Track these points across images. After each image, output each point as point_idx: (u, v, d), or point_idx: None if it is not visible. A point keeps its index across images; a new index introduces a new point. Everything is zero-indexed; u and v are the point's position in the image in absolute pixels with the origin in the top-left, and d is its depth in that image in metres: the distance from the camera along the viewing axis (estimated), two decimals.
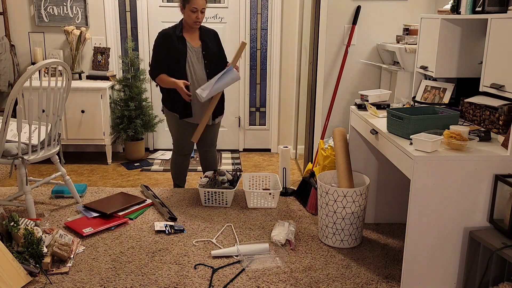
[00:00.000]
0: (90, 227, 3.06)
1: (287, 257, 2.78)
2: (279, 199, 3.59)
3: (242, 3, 4.85)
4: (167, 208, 3.40)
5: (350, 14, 3.60)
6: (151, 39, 4.86)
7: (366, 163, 3.13)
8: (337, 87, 3.70)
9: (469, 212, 2.20)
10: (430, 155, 2.10)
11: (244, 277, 2.57)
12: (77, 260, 2.72)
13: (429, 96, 2.93)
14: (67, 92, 3.24)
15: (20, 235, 2.60)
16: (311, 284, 2.51)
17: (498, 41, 2.21)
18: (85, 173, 4.38)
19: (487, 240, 2.07)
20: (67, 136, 4.49)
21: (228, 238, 3.02)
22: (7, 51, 4.47)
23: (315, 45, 3.85)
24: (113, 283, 2.50)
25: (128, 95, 4.61)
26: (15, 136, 3.19)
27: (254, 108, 5.15)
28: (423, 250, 2.24)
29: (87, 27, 4.69)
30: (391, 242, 3.01)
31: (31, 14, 4.65)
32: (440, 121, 2.36)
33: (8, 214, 2.77)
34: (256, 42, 4.97)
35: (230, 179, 3.58)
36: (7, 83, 4.50)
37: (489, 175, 2.15)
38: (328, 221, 2.88)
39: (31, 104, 2.96)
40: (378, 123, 2.64)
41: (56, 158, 3.35)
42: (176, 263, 2.70)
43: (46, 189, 3.79)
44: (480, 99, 2.52)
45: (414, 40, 3.27)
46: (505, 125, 2.32)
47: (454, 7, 2.67)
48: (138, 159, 4.80)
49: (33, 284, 2.47)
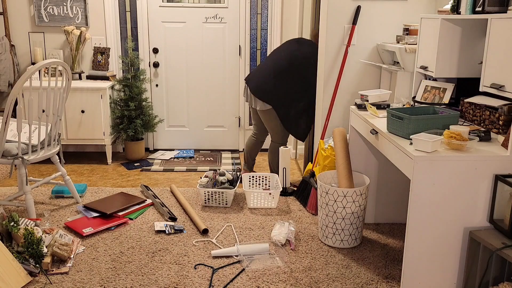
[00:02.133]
0: (90, 227, 3.06)
1: (287, 257, 2.78)
2: (279, 199, 3.59)
3: (242, 3, 4.85)
4: (167, 208, 3.40)
5: (350, 14, 3.60)
6: (151, 39, 4.87)
7: (366, 163, 3.13)
8: (337, 87, 3.69)
9: (469, 212, 2.20)
10: (430, 155, 2.10)
11: (244, 277, 2.57)
12: (77, 260, 2.72)
13: (429, 96, 2.93)
14: (67, 92, 3.24)
15: (20, 235, 2.60)
16: (311, 284, 2.51)
17: (498, 41, 2.21)
18: (85, 173, 4.38)
19: (487, 240, 2.07)
20: (67, 136, 4.49)
21: (228, 238, 3.01)
22: (7, 51, 4.47)
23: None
24: (113, 283, 2.50)
25: (128, 95, 4.61)
26: (15, 136, 3.19)
27: None
28: (423, 250, 2.24)
29: (87, 27, 4.69)
30: (391, 242, 3.01)
31: (31, 14, 4.65)
32: (440, 121, 2.36)
33: (8, 214, 2.78)
34: (256, 42, 4.97)
35: (230, 179, 3.58)
36: (7, 83, 4.50)
37: (489, 175, 2.15)
38: (328, 221, 2.88)
39: (31, 104, 2.96)
40: (378, 123, 2.64)
41: (56, 158, 3.35)
42: (176, 263, 2.70)
43: (46, 189, 3.79)
44: (480, 99, 2.52)
45: (414, 40, 3.26)
46: (505, 125, 2.32)
47: (454, 7, 2.67)
48: (138, 159, 4.80)
49: (33, 284, 2.47)
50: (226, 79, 5.03)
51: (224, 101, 5.09)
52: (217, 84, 5.04)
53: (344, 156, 2.97)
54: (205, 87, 5.04)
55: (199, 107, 5.07)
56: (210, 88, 5.05)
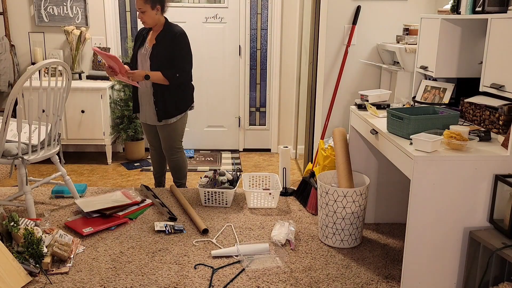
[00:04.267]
0: (90, 227, 3.06)
1: (287, 257, 2.78)
2: (279, 199, 3.59)
3: (242, 3, 4.85)
4: (167, 208, 3.40)
5: (350, 14, 3.60)
6: None
7: (366, 163, 3.13)
8: (337, 87, 3.70)
9: (469, 212, 2.20)
10: (430, 155, 2.10)
11: (244, 277, 2.57)
12: (77, 260, 2.72)
13: (429, 96, 2.93)
14: (67, 92, 3.24)
15: (20, 235, 2.60)
16: (311, 284, 2.51)
17: (498, 41, 2.21)
18: (85, 173, 4.38)
19: (487, 240, 2.07)
20: (67, 136, 4.49)
21: (228, 238, 3.02)
22: (7, 51, 4.47)
23: (315, 45, 3.86)
24: (113, 283, 2.50)
25: (128, 95, 4.61)
26: (15, 136, 3.19)
27: (254, 108, 5.15)
28: (423, 250, 2.24)
29: (87, 27, 4.69)
30: (391, 242, 3.01)
31: (31, 14, 4.65)
32: (440, 121, 2.36)
33: (8, 214, 2.77)
34: (256, 42, 4.97)
35: (230, 179, 3.58)
36: (7, 83, 4.50)
37: (489, 175, 2.15)
38: (328, 221, 2.88)
39: (31, 104, 2.96)
40: (378, 123, 2.64)
41: (56, 158, 3.35)
42: (176, 263, 2.70)
43: (46, 189, 3.79)
44: (480, 99, 2.52)
45: (414, 40, 3.27)
46: (505, 125, 2.32)
47: (454, 7, 2.67)
48: (138, 159, 4.80)
49: (33, 284, 2.47)
50: (226, 79, 5.03)
51: (224, 101, 5.09)
52: (217, 84, 5.04)
53: (344, 156, 2.97)
54: (205, 86, 5.04)
55: (199, 107, 5.07)
56: (210, 87, 5.05)
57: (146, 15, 3.32)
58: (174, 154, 3.65)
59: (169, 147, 3.62)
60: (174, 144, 3.62)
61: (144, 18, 3.33)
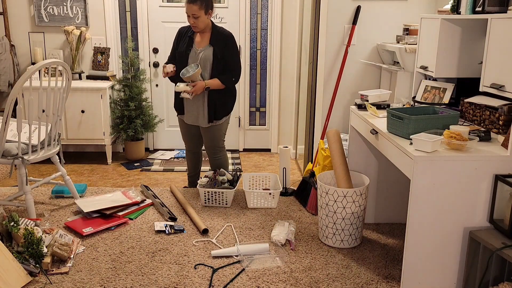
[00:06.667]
0: (90, 227, 3.06)
1: (287, 257, 2.78)
2: (279, 199, 3.59)
3: (242, 3, 4.85)
4: (167, 208, 3.40)
5: (350, 14, 3.60)
6: (151, 39, 4.86)
7: (366, 163, 3.13)
8: (337, 87, 3.70)
9: (469, 212, 2.20)
10: (430, 155, 2.10)
11: (244, 277, 2.57)
12: (77, 260, 2.72)
13: (429, 96, 2.93)
14: (67, 92, 3.24)
15: (20, 235, 2.60)
16: (311, 284, 2.51)
17: (498, 41, 2.21)
18: (85, 173, 4.38)
19: (487, 240, 2.07)
20: (67, 136, 4.49)
21: (228, 238, 3.01)
22: (7, 51, 4.47)
23: (315, 45, 3.86)
24: (113, 283, 2.50)
25: (128, 95, 4.61)
26: (15, 136, 3.19)
27: (254, 108, 5.15)
28: (423, 250, 2.24)
29: (87, 27, 4.69)
30: (391, 242, 3.01)
31: (31, 14, 4.65)
32: (440, 121, 2.36)
33: (8, 214, 2.78)
34: (256, 42, 4.97)
35: (230, 179, 3.58)
36: (7, 83, 4.50)
37: (489, 175, 2.15)
38: (328, 221, 2.88)
39: (31, 104, 2.96)
40: (378, 123, 2.64)
41: (56, 158, 3.35)
42: (176, 263, 2.70)
43: (46, 189, 3.79)
44: (480, 99, 2.52)
45: (414, 40, 3.27)
46: (505, 125, 2.32)
47: (454, 7, 2.67)
48: (138, 159, 4.80)
49: (33, 284, 2.47)
50: None
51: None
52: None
53: (340, 157, 2.97)
54: None
55: None
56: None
57: (200, 20, 3.35)
58: (217, 153, 3.70)
59: (213, 146, 3.66)
60: (218, 144, 3.67)
61: (196, 23, 3.36)
